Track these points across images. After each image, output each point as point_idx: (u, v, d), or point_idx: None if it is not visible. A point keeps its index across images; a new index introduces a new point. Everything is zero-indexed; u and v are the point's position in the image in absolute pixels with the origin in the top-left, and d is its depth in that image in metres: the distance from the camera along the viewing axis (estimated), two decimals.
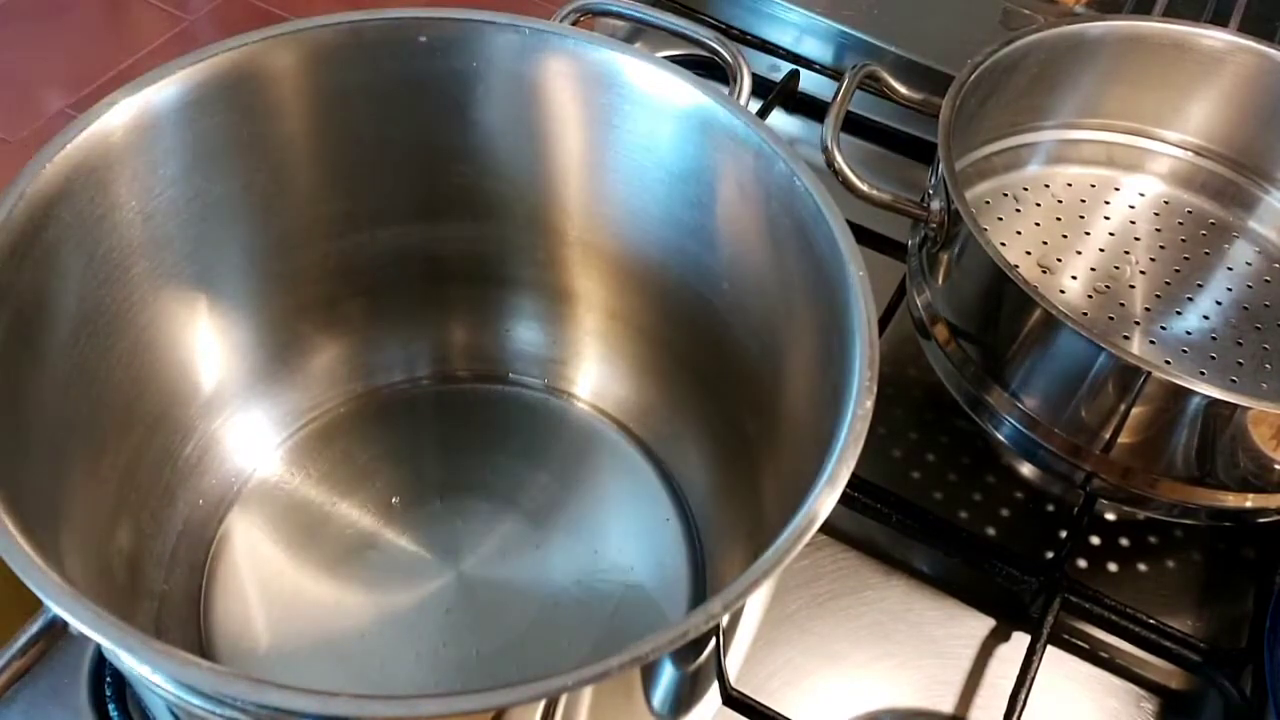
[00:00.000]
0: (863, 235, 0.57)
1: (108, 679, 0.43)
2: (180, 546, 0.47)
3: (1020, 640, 0.49)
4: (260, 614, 0.46)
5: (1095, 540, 0.53)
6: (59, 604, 0.29)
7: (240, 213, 0.47)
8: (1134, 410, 0.45)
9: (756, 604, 0.49)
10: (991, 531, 0.53)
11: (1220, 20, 0.71)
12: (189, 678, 0.28)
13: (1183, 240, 0.59)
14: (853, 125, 0.69)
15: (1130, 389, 0.44)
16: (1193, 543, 0.54)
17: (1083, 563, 0.52)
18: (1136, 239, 0.59)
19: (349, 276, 0.52)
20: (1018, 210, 0.59)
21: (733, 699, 0.44)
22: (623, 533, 0.50)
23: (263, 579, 0.47)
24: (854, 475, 0.34)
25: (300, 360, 0.52)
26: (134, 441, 0.45)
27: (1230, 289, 0.57)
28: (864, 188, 0.51)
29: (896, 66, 0.66)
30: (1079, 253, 0.58)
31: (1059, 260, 0.57)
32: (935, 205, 0.50)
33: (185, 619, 0.46)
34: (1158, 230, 0.60)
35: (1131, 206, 0.61)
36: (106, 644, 0.28)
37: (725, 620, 0.31)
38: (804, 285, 0.43)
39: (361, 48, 0.46)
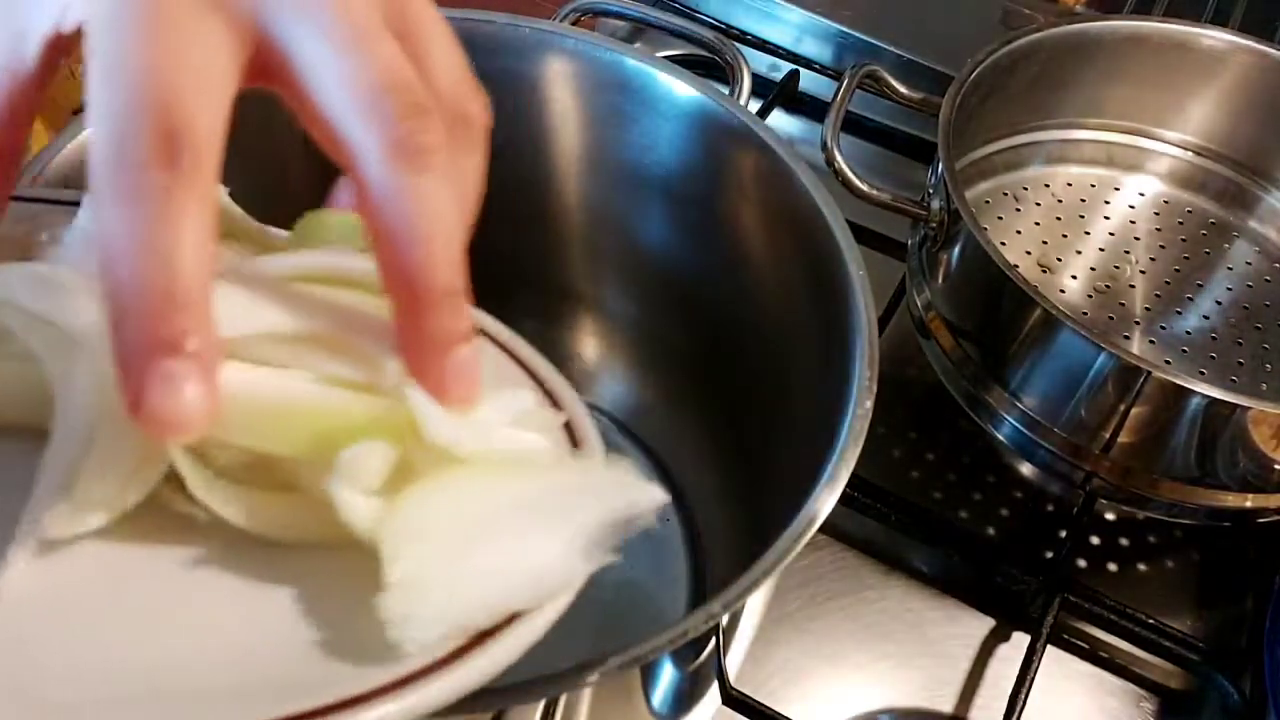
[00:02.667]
0: (863, 235, 0.57)
1: None
2: None
3: (1020, 640, 0.49)
4: None
5: (1095, 540, 0.53)
6: None
7: None
8: (1134, 410, 0.45)
9: (756, 604, 0.49)
10: (991, 531, 0.53)
11: (1220, 20, 0.71)
12: None
13: (1183, 240, 0.59)
14: (853, 125, 0.69)
15: (1130, 389, 0.44)
16: (1193, 543, 0.54)
17: (1083, 563, 0.52)
18: (1136, 239, 0.59)
19: None
20: (1018, 210, 0.59)
21: (732, 699, 0.44)
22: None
23: None
24: (854, 475, 0.34)
25: None
26: None
27: (1230, 289, 0.57)
28: (864, 187, 0.51)
29: (896, 66, 0.66)
30: (1079, 253, 0.58)
31: (1059, 260, 0.57)
32: (935, 205, 0.50)
33: None
34: (1158, 230, 0.60)
35: (1131, 206, 0.61)
36: None
37: (725, 620, 0.31)
38: (804, 285, 0.43)
39: None
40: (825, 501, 0.33)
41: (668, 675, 0.43)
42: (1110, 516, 0.54)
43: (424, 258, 0.24)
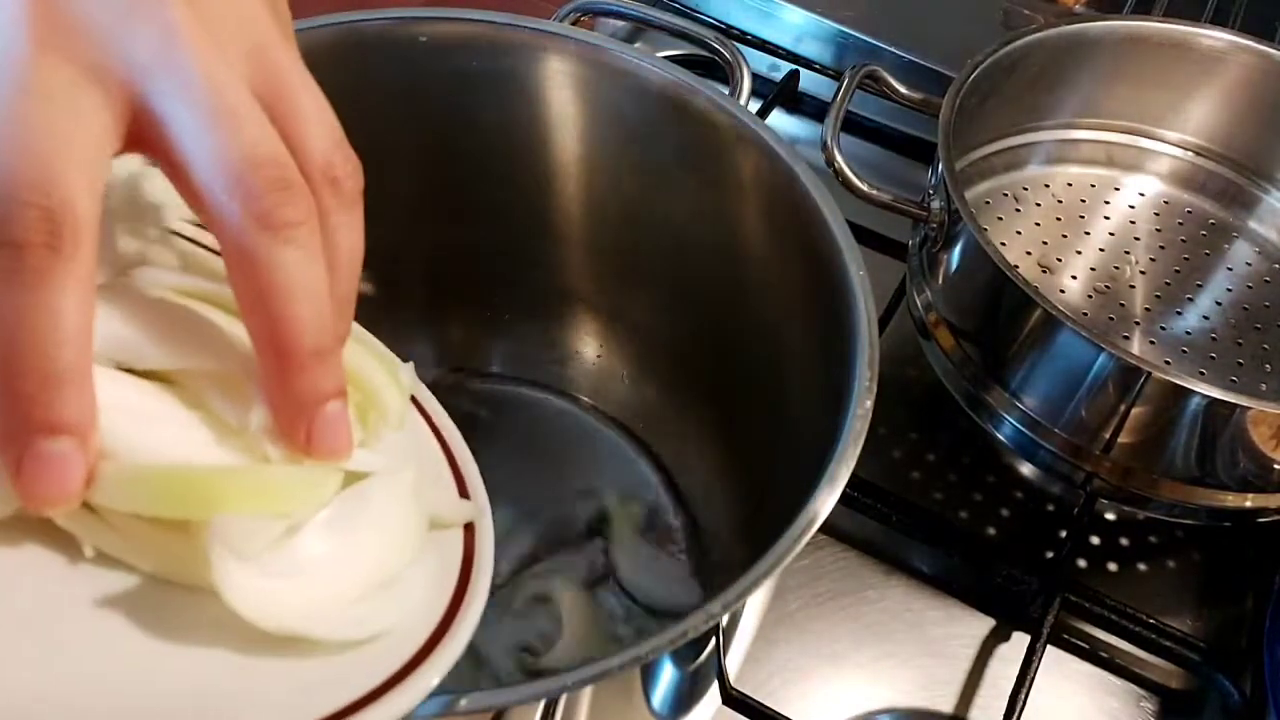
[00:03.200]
0: (863, 235, 0.57)
1: None
2: None
3: (1020, 640, 0.49)
4: None
5: (1095, 540, 0.53)
6: None
7: None
8: (1134, 410, 0.45)
9: (756, 603, 0.49)
10: (991, 531, 0.53)
11: (1220, 20, 0.71)
12: None
13: (1183, 240, 0.59)
14: (853, 125, 0.69)
15: (1130, 389, 0.44)
16: (1193, 543, 0.54)
17: (1083, 563, 0.52)
18: (1136, 239, 0.59)
19: None
20: (1018, 210, 0.59)
21: (732, 699, 0.44)
22: (622, 535, 0.50)
23: None
24: (854, 475, 0.34)
25: None
26: None
27: (1230, 289, 0.57)
28: (864, 188, 0.51)
29: (896, 66, 0.66)
30: (1079, 253, 0.58)
31: (1059, 260, 0.57)
32: (935, 205, 0.50)
33: None
34: (1158, 230, 0.60)
35: (1131, 206, 0.61)
36: None
37: (725, 620, 0.31)
38: (804, 285, 0.43)
39: (361, 48, 0.46)
40: (825, 501, 0.33)
41: (668, 675, 0.43)
42: (1110, 516, 0.54)
43: (287, 322, 0.25)
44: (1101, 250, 0.58)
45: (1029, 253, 0.57)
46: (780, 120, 0.71)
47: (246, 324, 0.26)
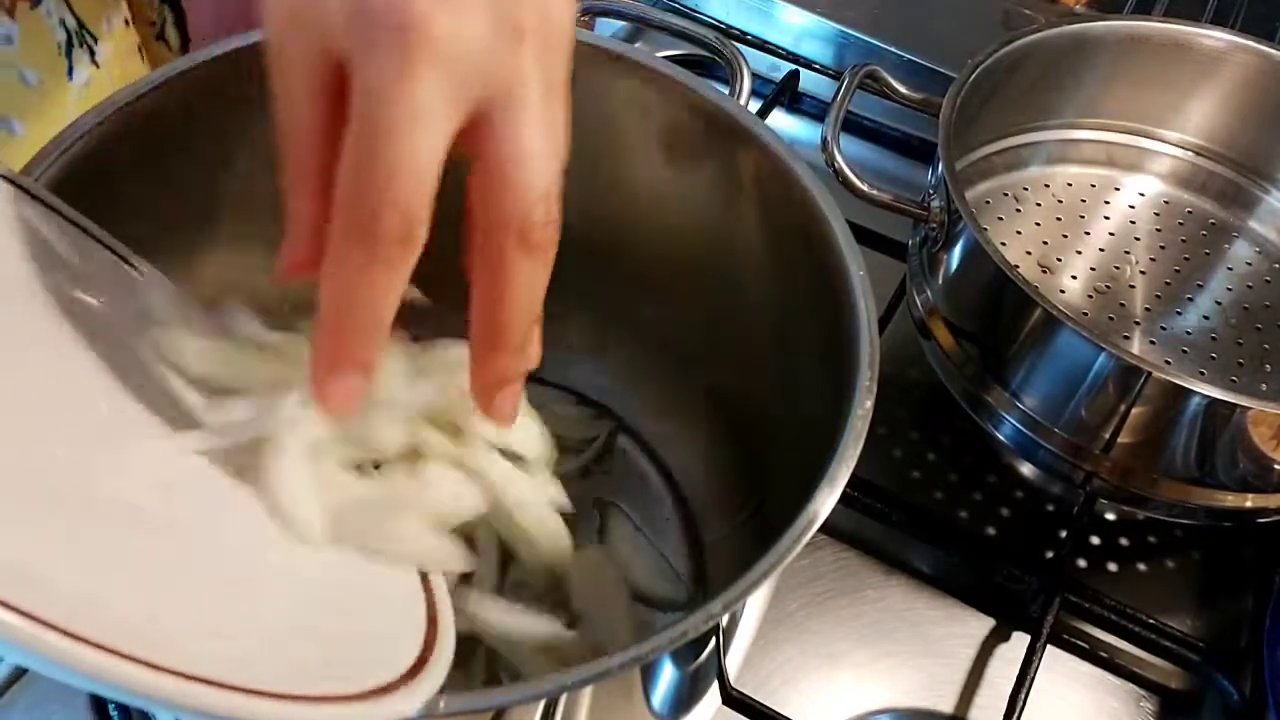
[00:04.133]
0: (863, 235, 0.57)
1: None
2: None
3: (1020, 640, 0.49)
4: None
5: (1095, 540, 0.53)
6: None
7: (241, 214, 0.47)
8: (1134, 410, 0.45)
9: (756, 604, 0.49)
10: (991, 531, 0.53)
11: (1220, 20, 0.71)
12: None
13: (1183, 240, 0.59)
14: (853, 125, 0.69)
15: (1130, 389, 0.44)
16: (1193, 543, 0.54)
17: (1083, 563, 0.52)
18: (1136, 239, 0.59)
19: None
20: (1018, 210, 0.59)
21: (733, 699, 0.44)
22: (623, 533, 0.50)
23: None
24: (854, 475, 0.34)
25: None
26: None
27: (1230, 289, 0.57)
28: (864, 188, 0.51)
29: (896, 66, 0.66)
30: (1079, 253, 0.58)
31: (1059, 260, 0.57)
32: (935, 205, 0.50)
33: None
34: (1158, 230, 0.60)
35: (1131, 206, 0.61)
36: None
37: (725, 620, 0.31)
38: (804, 285, 0.43)
39: None
40: (825, 501, 0.33)
41: (668, 675, 0.43)
42: (1110, 516, 0.54)
43: (512, 324, 0.32)
44: (1101, 250, 0.58)
45: (1029, 253, 0.57)
46: (780, 120, 0.71)
47: (476, 308, 0.32)
